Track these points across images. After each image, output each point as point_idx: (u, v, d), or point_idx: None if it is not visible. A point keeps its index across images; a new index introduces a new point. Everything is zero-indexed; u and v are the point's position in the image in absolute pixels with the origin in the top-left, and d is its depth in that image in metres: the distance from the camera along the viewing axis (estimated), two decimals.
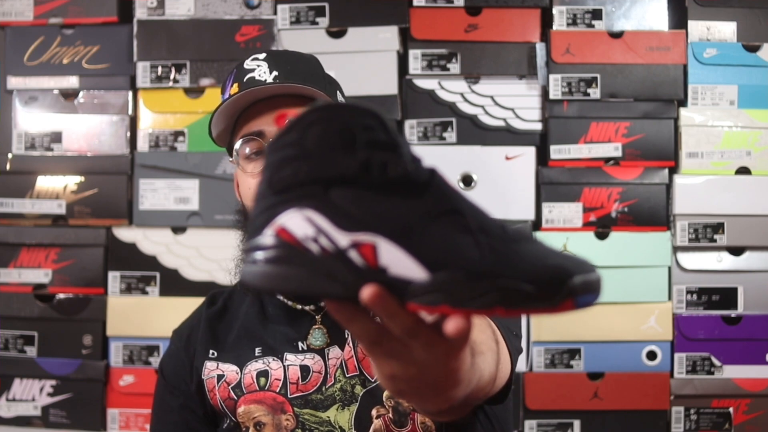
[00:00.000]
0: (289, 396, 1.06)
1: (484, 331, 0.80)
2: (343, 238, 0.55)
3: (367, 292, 0.53)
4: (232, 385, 1.09)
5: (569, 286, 0.53)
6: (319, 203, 0.56)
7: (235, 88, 1.07)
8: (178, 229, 1.64)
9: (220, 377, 1.10)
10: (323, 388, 1.05)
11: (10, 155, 1.68)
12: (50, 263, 1.64)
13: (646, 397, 1.59)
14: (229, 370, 1.10)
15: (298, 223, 0.56)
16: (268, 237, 0.57)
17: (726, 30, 1.62)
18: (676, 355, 1.59)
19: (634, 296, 1.59)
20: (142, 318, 1.62)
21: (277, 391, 1.06)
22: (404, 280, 0.54)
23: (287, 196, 0.57)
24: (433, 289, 0.53)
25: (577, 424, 1.59)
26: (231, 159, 1.11)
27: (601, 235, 1.60)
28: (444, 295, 0.53)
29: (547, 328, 1.59)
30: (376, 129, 0.56)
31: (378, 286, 0.54)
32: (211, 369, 1.11)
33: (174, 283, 1.63)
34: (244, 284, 0.58)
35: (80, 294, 1.64)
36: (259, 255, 0.57)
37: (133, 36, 1.68)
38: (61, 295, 1.64)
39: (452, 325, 0.53)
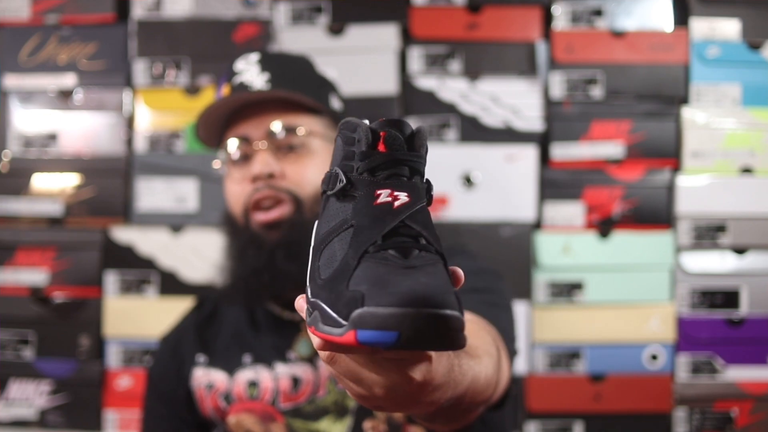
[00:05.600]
0: (279, 406, 1.04)
1: (482, 337, 0.79)
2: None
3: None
4: (222, 393, 1.07)
5: (355, 315, 0.49)
6: (319, 212, 0.65)
7: (226, 90, 1.07)
8: (176, 230, 1.62)
9: (209, 386, 1.08)
10: (314, 399, 1.04)
11: (6, 155, 1.66)
12: (47, 264, 1.62)
13: (648, 399, 1.57)
14: (219, 377, 1.08)
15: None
16: None
17: (730, 28, 1.61)
18: (679, 357, 1.57)
19: (636, 297, 1.58)
20: (139, 319, 1.61)
21: (268, 401, 1.05)
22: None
23: None
24: (310, 310, 0.56)
25: (578, 426, 1.58)
26: (217, 162, 1.10)
27: (603, 236, 1.58)
28: (314, 315, 0.55)
29: (548, 329, 1.58)
30: (357, 143, 0.60)
31: (301, 304, 0.58)
32: (199, 376, 1.10)
33: (172, 284, 1.61)
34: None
35: (77, 295, 1.62)
36: None
37: (131, 35, 1.67)
38: (58, 296, 1.63)
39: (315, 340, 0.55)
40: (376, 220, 0.55)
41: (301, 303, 0.58)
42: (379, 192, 0.57)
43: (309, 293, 0.56)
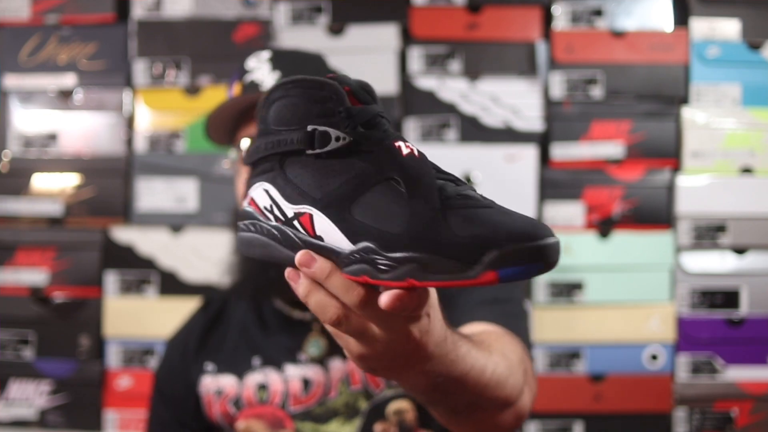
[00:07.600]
0: (289, 409, 1.03)
1: (505, 344, 0.82)
2: (289, 209, 0.58)
3: (297, 256, 0.55)
4: (232, 398, 1.06)
5: (491, 256, 0.50)
6: (274, 176, 0.60)
7: (237, 88, 1.06)
8: (176, 230, 1.62)
9: (218, 392, 1.07)
10: (325, 401, 1.03)
11: (6, 155, 1.66)
12: (47, 264, 1.62)
13: (648, 399, 1.57)
14: (228, 382, 1.07)
15: (261, 194, 0.61)
16: (245, 207, 0.63)
17: (730, 28, 1.61)
18: (679, 357, 1.57)
19: (636, 297, 1.58)
20: (139, 319, 1.61)
21: (277, 404, 1.04)
22: (336, 249, 0.56)
23: (256, 169, 0.62)
24: (354, 260, 0.54)
25: (578, 426, 1.58)
26: (226, 161, 1.10)
27: (603, 236, 1.58)
28: (363, 266, 0.53)
29: (548, 329, 1.58)
30: (329, 100, 0.58)
31: (307, 251, 0.55)
32: (208, 383, 1.09)
33: (172, 284, 1.61)
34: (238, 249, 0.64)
35: (77, 295, 1.62)
36: (241, 223, 0.63)
37: (131, 35, 1.67)
38: (58, 296, 1.63)
39: (384, 298, 0.52)
40: (419, 170, 0.56)
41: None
42: (397, 144, 0.58)
43: (384, 252, 0.53)
